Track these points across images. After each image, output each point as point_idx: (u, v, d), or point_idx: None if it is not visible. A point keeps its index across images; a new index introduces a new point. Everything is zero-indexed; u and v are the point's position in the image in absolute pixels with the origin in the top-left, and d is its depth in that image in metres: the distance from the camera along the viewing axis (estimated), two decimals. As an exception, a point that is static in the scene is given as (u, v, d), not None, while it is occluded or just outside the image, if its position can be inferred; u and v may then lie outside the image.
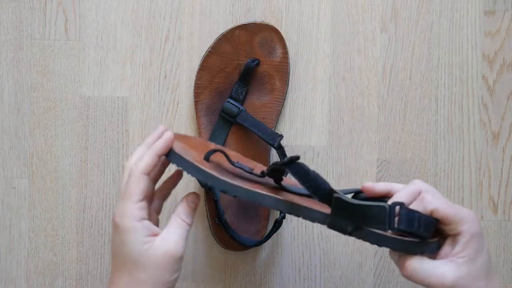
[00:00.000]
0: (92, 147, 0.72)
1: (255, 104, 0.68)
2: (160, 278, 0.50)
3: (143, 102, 0.71)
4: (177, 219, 0.52)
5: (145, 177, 0.51)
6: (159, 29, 0.71)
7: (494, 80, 0.69)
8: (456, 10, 0.69)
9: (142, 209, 0.50)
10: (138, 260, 0.49)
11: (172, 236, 0.51)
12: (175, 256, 0.50)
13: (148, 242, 0.50)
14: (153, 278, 0.49)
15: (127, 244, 0.50)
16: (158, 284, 0.49)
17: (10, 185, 0.72)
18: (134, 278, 0.50)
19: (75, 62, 0.72)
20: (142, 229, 0.50)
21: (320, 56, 0.70)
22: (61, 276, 0.72)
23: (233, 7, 0.70)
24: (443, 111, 0.69)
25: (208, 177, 0.50)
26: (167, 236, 0.51)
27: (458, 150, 0.69)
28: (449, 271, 0.47)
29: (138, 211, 0.50)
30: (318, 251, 0.70)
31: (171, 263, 0.50)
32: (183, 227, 0.52)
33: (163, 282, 0.50)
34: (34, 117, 0.72)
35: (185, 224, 0.52)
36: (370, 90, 0.70)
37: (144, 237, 0.50)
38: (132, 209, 0.50)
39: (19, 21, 0.72)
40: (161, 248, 0.50)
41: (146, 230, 0.50)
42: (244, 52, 0.68)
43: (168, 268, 0.50)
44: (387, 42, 0.70)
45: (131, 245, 0.49)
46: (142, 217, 0.50)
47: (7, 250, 0.72)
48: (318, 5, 0.70)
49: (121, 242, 0.50)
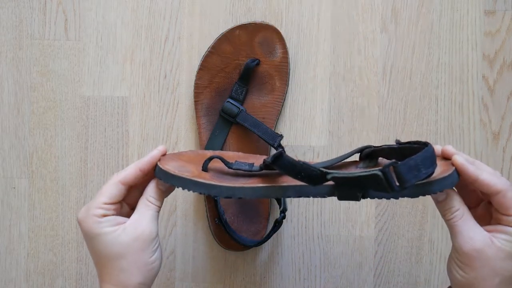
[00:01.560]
0: (92, 147, 0.72)
1: (255, 104, 0.68)
2: (140, 261, 0.50)
3: (143, 102, 0.71)
4: (145, 201, 0.52)
5: (120, 185, 0.52)
6: (159, 29, 0.71)
7: (494, 80, 0.69)
8: (456, 10, 0.69)
9: (107, 210, 0.51)
10: (112, 250, 0.50)
11: (142, 218, 0.51)
12: (148, 237, 0.50)
13: (116, 230, 0.50)
14: (134, 263, 0.50)
15: (97, 239, 0.50)
16: (140, 267, 0.50)
17: (10, 185, 0.72)
18: (117, 269, 0.50)
19: (75, 62, 0.72)
20: (107, 222, 0.51)
21: (320, 56, 0.70)
22: (61, 276, 0.72)
23: (233, 7, 0.70)
24: (443, 111, 0.69)
25: (209, 188, 0.51)
26: (137, 219, 0.51)
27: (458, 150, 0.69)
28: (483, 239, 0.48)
29: (102, 210, 0.51)
30: (318, 251, 0.70)
31: (146, 244, 0.50)
32: (152, 208, 0.52)
33: (144, 264, 0.50)
34: (34, 117, 0.72)
35: (153, 206, 0.52)
36: (370, 90, 0.70)
37: (110, 227, 0.50)
38: (96, 207, 0.51)
39: (19, 21, 0.72)
40: (132, 232, 0.50)
41: (112, 221, 0.51)
42: (244, 52, 0.68)
43: (144, 249, 0.50)
44: (387, 42, 0.69)
45: (101, 238, 0.50)
46: (105, 214, 0.51)
47: (7, 250, 0.72)
48: (318, 5, 0.70)
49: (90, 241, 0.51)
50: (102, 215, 0.51)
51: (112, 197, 0.51)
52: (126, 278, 0.50)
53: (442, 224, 0.68)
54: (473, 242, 0.48)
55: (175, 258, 0.71)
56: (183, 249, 0.71)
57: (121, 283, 0.50)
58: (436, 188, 0.48)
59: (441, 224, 0.69)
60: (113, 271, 0.50)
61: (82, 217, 0.51)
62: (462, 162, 0.49)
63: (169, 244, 0.71)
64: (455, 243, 0.49)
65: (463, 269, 0.49)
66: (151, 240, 0.51)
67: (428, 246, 0.69)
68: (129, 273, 0.50)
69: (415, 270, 0.69)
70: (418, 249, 0.69)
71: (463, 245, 0.48)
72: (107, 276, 0.51)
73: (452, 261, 0.50)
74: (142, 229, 0.50)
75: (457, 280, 0.50)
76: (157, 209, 0.52)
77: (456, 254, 0.49)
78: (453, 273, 0.50)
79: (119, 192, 0.52)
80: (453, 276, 0.50)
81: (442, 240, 0.69)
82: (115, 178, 0.52)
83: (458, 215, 0.49)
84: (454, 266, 0.50)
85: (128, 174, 0.52)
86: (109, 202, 0.51)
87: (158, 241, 0.52)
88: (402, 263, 0.69)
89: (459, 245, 0.48)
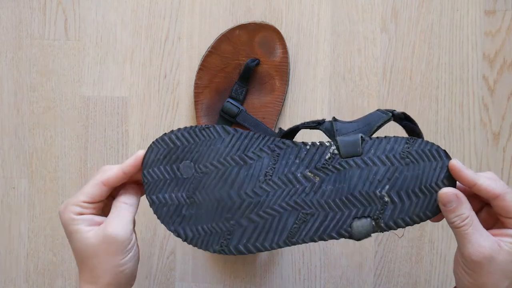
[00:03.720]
0: (92, 147, 0.71)
1: (255, 104, 0.68)
2: (108, 263, 0.50)
3: (143, 102, 0.71)
4: (117, 204, 0.52)
5: (102, 186, 0.51)
6: (159, 29, 0.71)
7: (495, 80, 0.69)
8: (457, 10, 0.69)
9: (84, 208, 0.51)
10: (86, 250, 0.50)
11: (113, 220, 0.51)
12: (117, 240, 0.50)
13: (90, 231, 0.50)
14: (105, 264, 0.50)
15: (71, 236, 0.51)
16: (108, 269, 0.50)
17: (9, 185, 0.72)
18: (87, 267, 0.50)
19: (75, 61, 0.72)
20: (82, 220, 0.51)
21: (320, 56, 0.70)
22: (61, 276, 0.72)
23: (233, 7, 0.70)
24: (443, 111, 0.69)
25: None
26: (108, 221, 0.51)
27: (458, 150, 0.69)
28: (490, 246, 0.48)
29: (79, 208, 0.51)
30: (318, 251, 0.70)
31: (117, 245, 0.50)
32: (126, 209, 0.52)
33: (113, 266, 0.50)
34: (34, 117, 0.72)
35: (127, 206, 0.52)
36: (370, 90, 0.70)
37: (85, 226, 0.50)
38: (74, 204, 0.51)
39: (18, 21, 0.72)
40: (101, 234, 0.50)
41: (88, 221, 0.51)
42: (244, 52, 0.68)
43: (116, 251, 0.50)
44: (387, 42, 0.69)
45: (74, 236, 0.50)
46: (82, 212, 0.51)
47: (7, 250, 0.72)
48: (318, 5, 0.70)
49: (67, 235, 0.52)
50: (78, 213, 0.51)
51: (92, 197, 0.51)
52: (96, 278, 0.50)
53: (442, 224, 0.68)
54: (483, 249, 0.47)
55: (175, 258, 0.71)
56: (183, 249, 0.71)
57: (92, 281, 0.50)
58: None
59: (441, 224, 0.69)
60: (85, 268, 0.51)
61: (61, 211, 0.52)
62: (460, 167, 0.49)
63: (169, 244, 0.71)
64: (464, 251, 0.48)
65: (471, 276, 0.48)
66: (121, 243, 0.50)
67: (428, 246, 0.69)
68: (98, 273, 0.50)
69: (415, 270, 0.69)
70: (418, 249, 0.69)
71: (472, 254, 0.48)
72: (81, 272, 0.51)
73: (459, 267, 0.50)
74: (111, 232, 0.50)
75: (465, 286, 0.49)
76: (131, 209, 0.52)
77: (464, 261, 0.49)
78: (460, 279, 0.50)
79: (100, 192, 0.51)
80: (460, 282, 0.50)
81: (442, 240, 0.69)
82: (99, 179, 0.52)
83: (468, 223, 0.48)
84: (462, 272, 0.49)
85: (111, 176, 0.52)
86: (88, 201, 0.51)
87: (132, 243, 0.51)
88: (402, 263, 0.69)
89: (469, 253, 0.48)
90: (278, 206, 0.51)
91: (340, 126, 0.52)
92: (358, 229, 0.50)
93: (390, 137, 0.51)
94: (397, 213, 0.50)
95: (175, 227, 0.51)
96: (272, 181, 0.51)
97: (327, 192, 0.50)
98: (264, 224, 0.50)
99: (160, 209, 0.51)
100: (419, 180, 0.50)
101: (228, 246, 0.51)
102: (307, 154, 0.51)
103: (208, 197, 0.51)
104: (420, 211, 0.50)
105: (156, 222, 0.71)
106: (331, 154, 0.51)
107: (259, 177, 0.51)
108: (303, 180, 0.51)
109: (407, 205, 0.50)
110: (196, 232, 0.51)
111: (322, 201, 0.50)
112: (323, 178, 0.50)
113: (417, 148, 0.50)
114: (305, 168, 0.51)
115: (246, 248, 0.50)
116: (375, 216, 0.50)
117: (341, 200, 0.50)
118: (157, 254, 0.71)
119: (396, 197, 0.50)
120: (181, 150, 0.52)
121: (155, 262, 0.71)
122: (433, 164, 0.50)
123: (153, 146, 0.52)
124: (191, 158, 0.52)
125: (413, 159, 0.50)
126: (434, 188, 0.50)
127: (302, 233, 0.50)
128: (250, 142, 0.51)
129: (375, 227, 0.50)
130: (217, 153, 0.51)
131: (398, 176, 0.50)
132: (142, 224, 0.71)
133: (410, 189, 0.50)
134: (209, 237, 0.51)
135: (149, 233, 0.71)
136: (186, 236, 0.51)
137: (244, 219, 0.51)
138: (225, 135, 0.51)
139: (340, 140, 0.51)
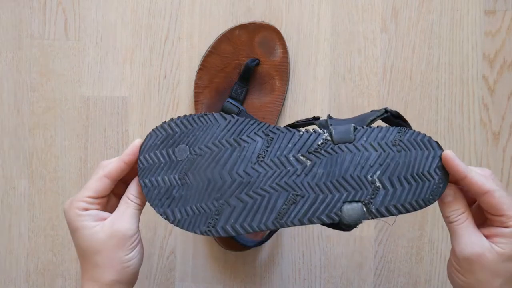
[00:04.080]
0: (92, 147, 0.71)
1: (255, 104, 0.68)
2: (114, 258, 0.50)
3: (143, 102, 0.71)
4: (126, 199, 0.52)
5: (106, 180, 0.52)
6: (158, 29, 0.71)
7: (495, 80, 0.69)
8: (457, 10, 0.69)
9: (90, 204, 0.51)
10: (89, 244, 0.50)
11: (120, 215, 0.51)
12: (124, 235, 0.50)
13: (96, 226, 0.50)
14: (108, 260, 0.50)
15: (77, 233, 0.51)
16: (114, 265, 0.50)
17: (9, 185, 0.72)
18: (92, 264, 0.50)
19: (75, 62, 0.72)
20: (89, 216, 0.51)
21: (320, 56, 0.70)
22: (61, 276, 0.72)
23: (233, 7, 0.70)
24: (443, 111, 0.69)
25: None
26: (115, 217, 0.51)
27: (458, 150, 0.69)
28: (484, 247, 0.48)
29: (85, 204, 0.51)
30: (318, 251, 0.70)
31: (122, 242, 0.50)
32: (132, 206, 0.52)
33: (119, 262, 0.50)
34: (34, 117, 0.72)
35: (133, 204, 0.52)
36: (370, 90, 0.70)
37: (91, 222, 0.51)
38: (81, 201, 0.51)
39: (18, 21, 0.72)
40: (109, 229, 0.50)
41: (94, 217, 0.51)
42: (244, 52, 0.68)
43: (120, 247, 0.50)
44: (387, 42, 0.69)
45: (80, 232, 0.50)
46: (87, 208, 0.51)
47: (7, 250, 0.72)
48: (318, 5, 0.70)
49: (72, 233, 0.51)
50: (84, 208, 0.51)
51: (97, 192, 0.51)
52: (100, 274, 0.50)
53: (442, 224, 0.68)
54: (474, 246, 0.48)
55: (175, 258, 0.71)
56: (183, 249, 0.71)
57: (95, 278, 0.50)
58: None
59: (441, 224, 0.69)
60: (89, 266, 0.51)
61: (66, 208, 0.52)
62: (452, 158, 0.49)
63: (169, 244, 0.71)
64: (456, 247, 0.49)
65: (463, 274, 0.49)
66: (128, 238, 0.50)
67: (428, 246, 0.69)
68: (103, 270, 0.50)
69: (415, 270, 0.69)
70: (418, 249, 0.69)
71: (464, 249, 0.48)
72: (84, 270, 0.51)
73: (451, 266, 0.50)
74: (118, 227, 0.50)
75: (458, 285, 0.49)
76: (137, 206, 0.52)
77: (456, 259, 0.49)
78: (454, 279, 0.50)
79: (104, 186, 0.52)
80: (455, 283, 0.50)
81: (442, 240, 0.69)
82: (100, 173, 0.52)
83: (462, 218, 0.49)
84: (455, 272, 0.49)
85: (112, 168, 0.52)
86: (93, 196, 0.51)
87: (138, 240, 0.52)
88: (402, 263, 0.69)
89: (460, 249, 0.48)
90: (268, 186, 0.50)
91: (335, 122, 0.53)
92: (349, 212, 0.49)
93: (382, 126, 0.51)
94: (388, 199, 0.49)
95: (164, 209, 0.51)
96: (264, 162, 0.51)
97: (318, 174, 0.50)
98: (253, 204, 0.50)
99: (151, 191, 0.51)
100: (411, 167, 0.50)
101: (215, 226, 0.50)
102: (300, 139, 0.51)
103: (200, 177, 0.51)
104: (412, 198, 0.49)
105: (156, 222, 0.71)
106: (323, 140, 0.51)
107: (251, 159, 0.51)
108: (295, 163, 0.51)
109: (399, 191, 0.49)
110: (185, 213, 0.51)
111: (313, 183, 0.50)
112: (315, 161, 0.50)
113: (409, 137, 0.50)
114: (298, 151, 0.51)
115: (233, 229, 0.50)
116: (366, 201, 0.49)
117: (332, 183, 0.50)
118: (157, 254, 0.71)
119: (387, 183, 0.50)
120: (178, 135, 0.52)
121: (155, 262, 0.71)
122: (425, 153, 0.50)
123: (152, 133, 0.52)
124: (187, 142, 0.52)
125: (405, 147, 0.50)
126: (426, 176, 0.49)
127: (291, 214, 0.50)
128: (245, 127, 0.52)
129: (366, 213, 0.49)
130: (212, 136, 0.52)
131: (389, 162, 0.50)
132: (142, 224, 0.71)
133: (402, 175, 0.50)
134: (197, 217, 0.50)
135: (149, 233, 0.71)
136: (174, 217, 0.51)
137: (233, 198, 0.50)
138: (221, 121, 0.52)
139: (333, 127, 0.51)
